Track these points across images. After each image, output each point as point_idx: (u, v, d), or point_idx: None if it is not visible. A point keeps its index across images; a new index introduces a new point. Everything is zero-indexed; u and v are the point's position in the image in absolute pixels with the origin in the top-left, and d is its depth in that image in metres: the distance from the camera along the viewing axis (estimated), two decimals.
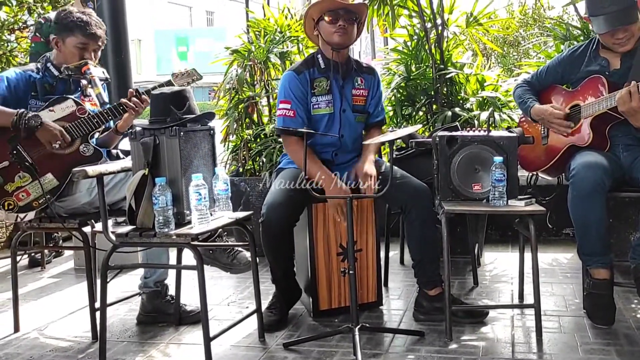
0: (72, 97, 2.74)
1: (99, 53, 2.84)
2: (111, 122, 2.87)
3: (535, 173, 3.02)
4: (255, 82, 4.29)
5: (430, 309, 2.71)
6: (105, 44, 2.90)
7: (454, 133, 2.68)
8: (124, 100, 2.75)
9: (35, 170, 2.60)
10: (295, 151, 2.73)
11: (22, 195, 2.62)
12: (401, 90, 4.10)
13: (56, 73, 2.78)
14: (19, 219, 2.68)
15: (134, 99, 2.73)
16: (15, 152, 2.59)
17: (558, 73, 2.93)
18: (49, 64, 2.79)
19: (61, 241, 4.19)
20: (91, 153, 2.71)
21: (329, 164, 2.77)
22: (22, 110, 2.58)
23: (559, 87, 2.94)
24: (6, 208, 2.60)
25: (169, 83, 2.83)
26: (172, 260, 2.84)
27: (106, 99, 2.75)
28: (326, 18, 2.69)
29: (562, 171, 2.89)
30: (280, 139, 3.19)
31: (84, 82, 2.79)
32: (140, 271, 2.92)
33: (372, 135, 2.86)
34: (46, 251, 4.05)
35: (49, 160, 2.65)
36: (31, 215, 2.69)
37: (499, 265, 3.57)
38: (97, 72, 2.77)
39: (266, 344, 2.54)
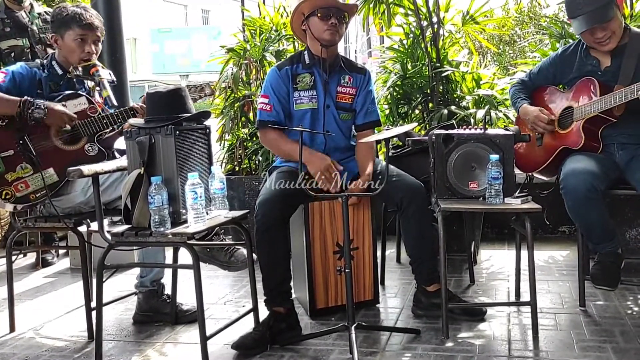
0: (85, 94, 2.73)
1: (100, 46, 2.80)
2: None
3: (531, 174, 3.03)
4: (251, 81, 4.29)
5: (429, 305, 2.72)
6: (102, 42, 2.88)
7: (450, 131, 2.68)
8: (136, 104, 2.73)
9: (38, 163, 2.59)
10: (270, 140, 2.81)
11: (21, 187, 2.60)
12: (397, 89, 4.10)
13: (60, 72, 2.76)
14: (16, 210, 2.64)
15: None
16: (21, 142, 2.58)
17: (550, 73, 2.95)
18: (53, 62, 2.76)
19: (57, 241, 4.17)
20: (95, 153, 2.71)
21: None
22: (25, 98, 2.55)
23: (553, 88, 2.95)
24: (3, 197, 2.58)
25: None
26: (169, 260, 2.84)
27: (115, 102, 2.71)
28: (318, 14, 2.70)
29: (557, 172, 2.89)
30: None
31: (91, 83, 2.77)
32: (137, 270, 2.91)
33: (364, 136, 2.78)
34: (52, 251, 4.04)
35: (53, 155, 2.64)
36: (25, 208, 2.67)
37: (495, 262, 3.58)
38: (105, 74, 2.73)
39: None
